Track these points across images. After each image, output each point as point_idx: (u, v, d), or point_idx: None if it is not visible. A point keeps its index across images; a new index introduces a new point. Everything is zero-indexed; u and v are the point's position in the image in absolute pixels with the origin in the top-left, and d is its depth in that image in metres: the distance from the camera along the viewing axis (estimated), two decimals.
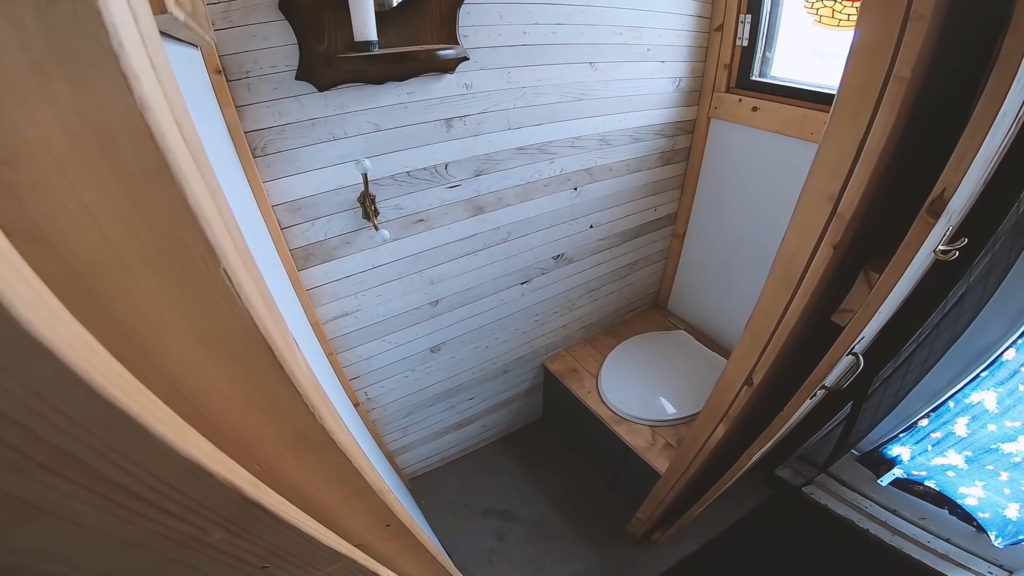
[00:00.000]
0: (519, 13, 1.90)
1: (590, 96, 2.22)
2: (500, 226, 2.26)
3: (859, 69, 1.03)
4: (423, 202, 2.01)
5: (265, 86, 1.58)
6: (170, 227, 0.33)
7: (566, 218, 2.46)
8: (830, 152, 1.11)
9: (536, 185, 2.26)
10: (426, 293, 2.24)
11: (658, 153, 2.62)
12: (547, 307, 2.74)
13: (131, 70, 0.28)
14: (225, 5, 1.46)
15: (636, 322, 3.20)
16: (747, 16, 2.35)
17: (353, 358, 2.22)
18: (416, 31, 1.73)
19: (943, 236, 1.18)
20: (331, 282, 1.97)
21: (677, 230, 3.00)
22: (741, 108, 2.43)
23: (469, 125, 1.96)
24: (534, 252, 2.46)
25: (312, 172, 1.75)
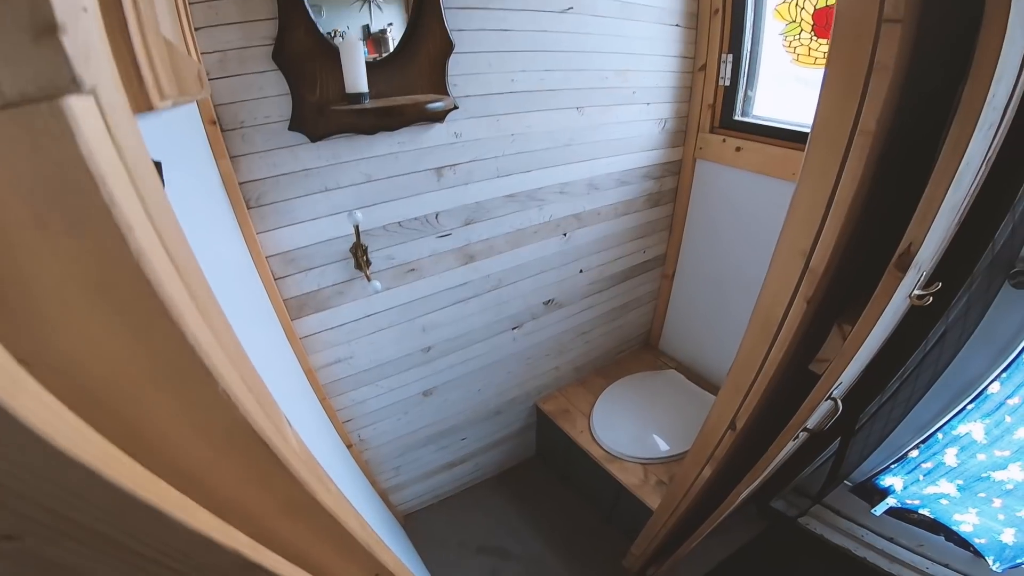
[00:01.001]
0: (507, 61, 1.95)
1: (578, 141, 2.26)
2: (491, 274, 2.28)
3: (826, 125, 1.07)
4: (415, 252, 2.03)
5: (259, 137, 1.61)
6: (172, 357, 0.38)
7: (556, 264, 2.48)
8: (801, 208, 1.15)
9: (526, 232, 2.29)
10: (418, 340, 2.24)
11: (646, 195, 2.66)
12: (539, 351, 2.75)
13: (125, 222, 0.30)
14: (221, 54, 1.50)
15: (627, 362, 3.21)
16: (729, 55, 2.41)
17: (346, 402, 2.22)
18: (406, 80, 1.77)
19: (917, 282, 1.21)
20: (324, 331, 1.98)
21: (666, 271, 3.03)
22: (725, 148, 2.48)
23: (459, 174, 1.99)
24: (525, 298, 2.48)
25: (305, 223, 1.77)
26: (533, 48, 2.00)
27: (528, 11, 1.94)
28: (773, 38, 2.37)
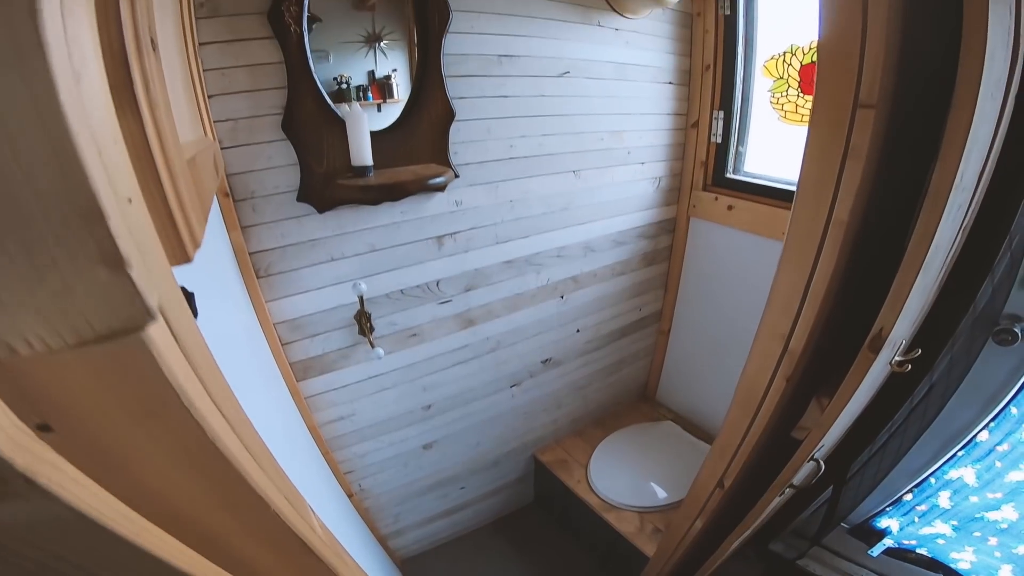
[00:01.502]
0: (506, 127, 2.02)
1: (575, 205, 2.33)
2: (490, 336, 2.33)
3: (802, 217, 1.14)
4: (416, 318, 2.08)
5: (269, 207, 1.68)
6: (236, 494, 0.52)
7: (554, 325, 2.53)
8: (780, 295, 1.22)
9: (524, 296, 2.34)
10: (419, 399, 2.28)
11: (641, 255, 2.72)
12: (536, 406, 2.78)
13: (199, 415, 0.42)
14: (232, 123, 1.57)
15: (624, 414, 3.23)
16: (720, 112, 2.49)
17: (348, 455, 2.25)
18: (409, 149, 1.84)
19: (897, 349, 1.26)
20: (329, 391, 2.02)
21: (662, 327, 3.08)
22: (717, 207, 2.55)
23: (459, 241, 2.05)
24: (523, 358, 2.52)
25: (312, 292, 1.83)
26: (531, 113, 2.07)
27: (527, 77, 2.03)
28: (763, 94, 2.44)
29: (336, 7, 1.72)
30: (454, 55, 1.86)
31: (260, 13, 1.56)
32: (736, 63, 2.44)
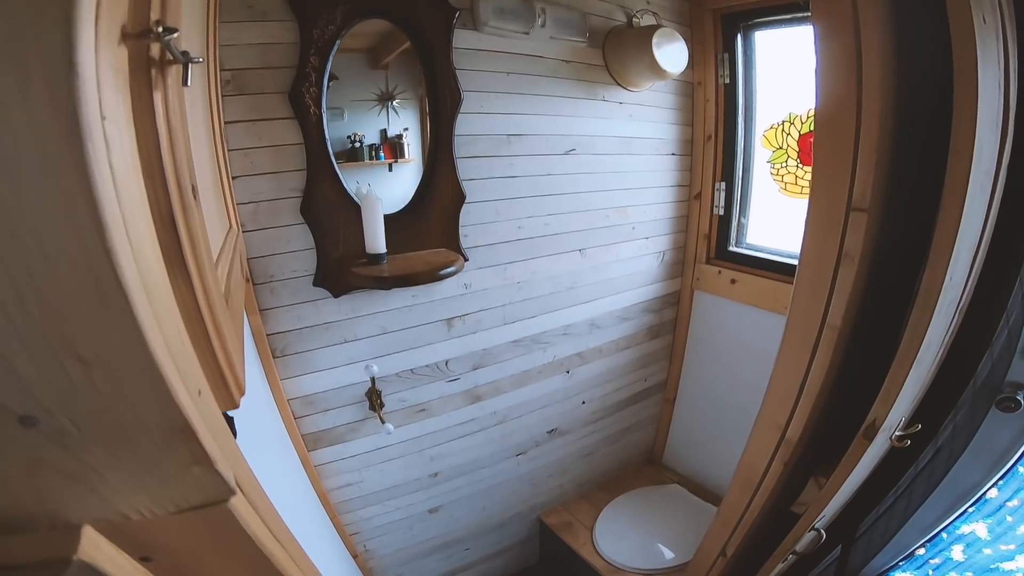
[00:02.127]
0: (514, 208, 2.10)
1: (581, 283, 2.39)
2: (496, 411, 2.37)
3: (798, 321, 1.21)
4: (425, 395, 2.13)
5: (286, 291, 1.76)
6: None
7: (559, 398, 2.57)
8: (777, 389, 1.28)
9: (530, 373, 2.39)
10: (426, 467, 2.32)
11: (646, 328, 2.77)
12: (542, 472, 2.80)
13: (278, 562, 0.64)
14: (254, 206, 1.66)
15: (630, 477, 3.23)
16: (722, 184, 2.56)
17: (354, 518, 2.28)
18: (421, 232, 1.92)
19: (897, 424, 1.31)
20: (338, 460, 2.07)
21: (668, 396, 3.10)
22: (720, 280, 2.61)
23: (468, 323, 2.11)
24: (529, 430, 2.56)
25: (325, 371, 1.89)
26: (538, 193, 2.15)
27: (534, 155, 2.11)
28: (763, 166, 2.51)
29: (352, 65, 1.80)
30: (465, 135, 1.95)
31: (282, 92, 1.66)
32: (737, 132, 2.52)
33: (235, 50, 1.59)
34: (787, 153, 2.41)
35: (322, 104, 1.69)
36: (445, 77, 1.88)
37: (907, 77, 1.11)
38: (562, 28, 2.14)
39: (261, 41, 1.62)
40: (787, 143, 2.41)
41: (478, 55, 1.98)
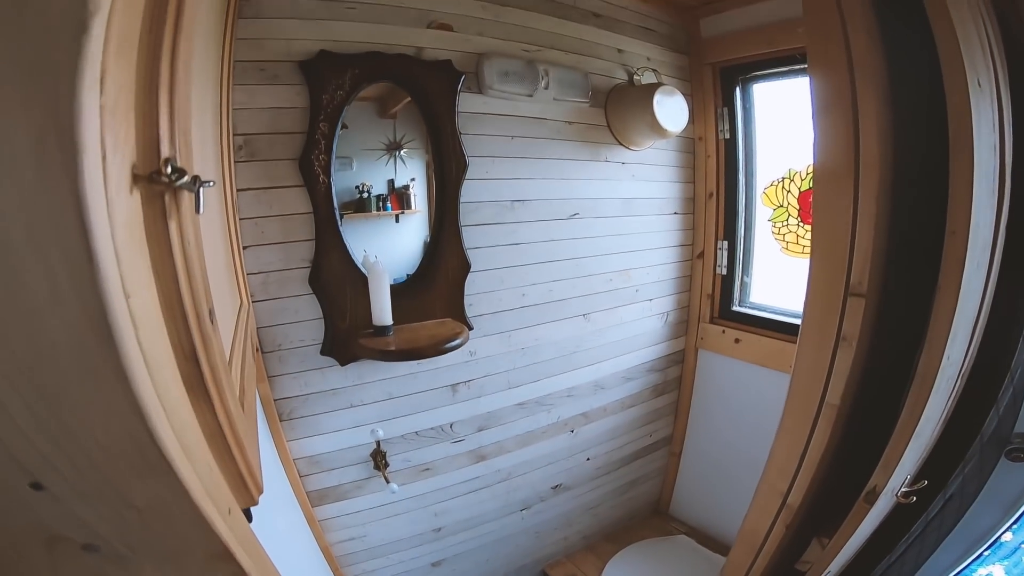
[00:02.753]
0: (519, 275, 2.13)
1: (584, 347, 2.41)
2: (501, 469, 2.38)
3: (798, 397, 1.24)
4: (429, 455, 2.14)
5: (294, 359, 1.79)
6: None
7: (564, 456, 2.57)
8: (778, 458, 1.31)
9: (535, 433, 2.40)
10: (430, 522, 2.32)
11: (651, 387, 2.77)
12: (547, 526, 2.79)
13: None
14: (264, 276, 1.70)
15: (637, 528, 3.19)
16: (724, 243, 2.57)
17: (357, 571, 2.27)
18: (426, 303, 1.94)
19: (903, 481, 1.32)
20: (342, 516, 2.07)
21: (673, 449, 3.09)
22: (725, 339, 2.62)
23: (473, 388, 2.13)
24: (533, 486, 2.55)
25: (331, 434, 1.91)
26: (542, 259, 2.18)
27: (538, 221, 2.14)
28: (765, 224, 2.52)
29: (361, 114, 1.84)
30: (470, 203, 1.98)
31: (292, 159, 1.70)
32: (738, 189, 2.55)
33: (248, 114, 1.63)
34: (788, 211, 2.43)
35: (331, 172, 1.73)
36: (450, 144, 1.92)
37: (904, 151, 1.14)
38: (565, 89, 2.18)
39: (273, 105, 1.67)
40: (787, 201, 2.43)
41: (483, 119, 2.02)
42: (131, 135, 0.49)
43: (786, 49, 2.26)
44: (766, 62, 2.43)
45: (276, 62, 1.66)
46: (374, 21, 1.81)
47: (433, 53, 1.91)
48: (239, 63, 1.60)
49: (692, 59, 2.64)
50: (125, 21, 0.45)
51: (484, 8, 2.03)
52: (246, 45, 1.61)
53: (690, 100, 2.55)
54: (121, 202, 0.44)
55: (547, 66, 2.12)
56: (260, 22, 1.63)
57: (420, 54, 1.89)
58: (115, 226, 0.41)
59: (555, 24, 2.19)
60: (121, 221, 0.44)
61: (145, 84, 0.52)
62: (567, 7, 2.23)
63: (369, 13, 1.80)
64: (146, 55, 0.53)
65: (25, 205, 0.37)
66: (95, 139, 0.39)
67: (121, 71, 0.45)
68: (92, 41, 0.38)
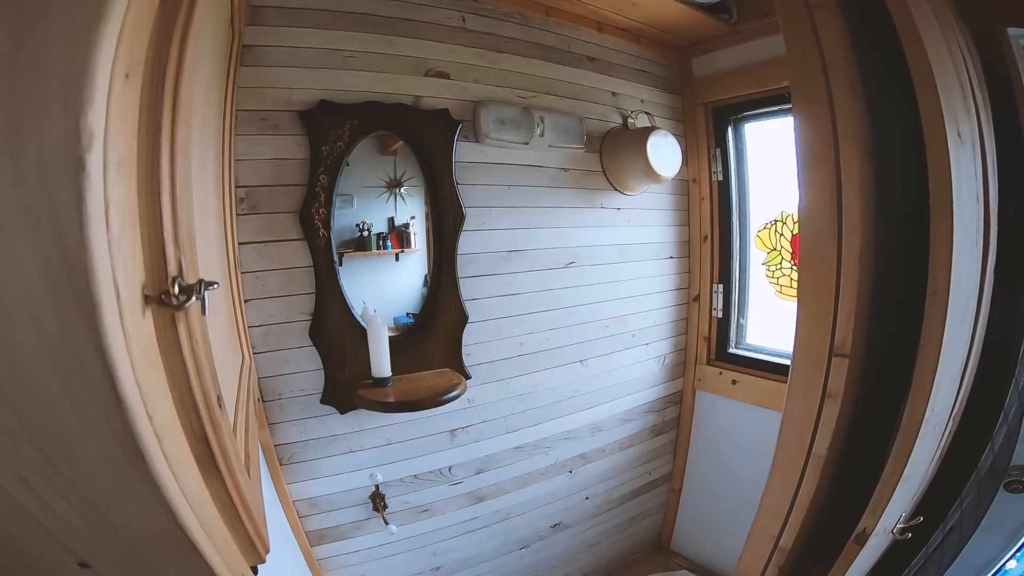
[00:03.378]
0: (516, 325, 2.16)
1: (582, 392, 2.44)
2: (499, 509, 2.39)
3: (786, 446, 1.28)
4: (428, 497, 2.16)
5: (294, 407, 1.83)
6: None
7: (563, 495, 2.58)
8: (770, 503, 1.35)
9: (533, 475, 2.42)
10: (428, 562, 2.33)
11: (649, 427, 2.79)
12: (547, 564, 2.78)
13: None
14: (265, 329, 1.74)
15: (638, 564, 3.17)
16: (719, 286, 2.61)
17: None
18: (425, 353, 1.98)
19: (896, 521, 1.34)
20: (341, 555, 2.09)
21: (673, 486, 3.08)
22: (722, 381, 2.65)
23: (471, 433, 2.16)
24: (532, 525, 2.56)
25: (330, 477, 1.94)
26: (539, 309, 2.22)
27: (534, 271, 2.18)
28: (759, 267, 2.55)
29: (362, 151, 1.87)
30: (467, 254, 2.02)
31: (293, 212, 1.74)
32: (732, 232, 2.59)
33: (249, 165, 1.68)
34: (781, 254, 2.46)
35: (331, 226, 1.78)
36: (448, 196, 1.96)
37: (887, 207, 1.17)
38: (560, 135, 2.22)
39: (274, 156, 1.72)
40: (780, 244, 2.46)
41: (480, 168, 2.06)
42: (138, 255, 0.54)
43: (775, 88, 2.31)
44: (756, 101, 2.48)
45: (277, 111, 1.72)
46: (373, 70, 1.87)
47: (431, 102, 1.96)
48: (241, 112, 1.65)
49: (685, 99, 2.69)
50: (123, 145, 0.49)
51: (481, 55, 2.09)
52: (247, 94, 1.66)
53: (683, 141, 2.61)
54: (136, 328, 0.50)
55: (542, 112, 2.16)
56: (261, 70, 1.70)
57: (418, 103, 1.94)
58: (133, 355, 0.47)
59: (550, 69, 2.25)
60: (138, 348, 0.49)
61: (147, 199, 0.57)
62: (561, 52, 2.29)
63: (368, 62, 1.86)
64: (146, 171, 0.57)
65: (51, 353, 0.44)
66: (107, 279, 0.44)
67: (123, 192, 0.49)
68: (91, 177, 0.41)
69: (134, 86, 0.53)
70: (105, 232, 0.43)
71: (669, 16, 2.33)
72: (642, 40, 2.54)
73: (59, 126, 0.41)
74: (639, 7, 2.25)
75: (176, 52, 0.63)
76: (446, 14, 2.01)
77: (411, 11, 1.94)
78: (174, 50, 0.62)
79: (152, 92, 0.58)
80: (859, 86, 1.12)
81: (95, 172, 0.42)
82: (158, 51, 0.60)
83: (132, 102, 0.53)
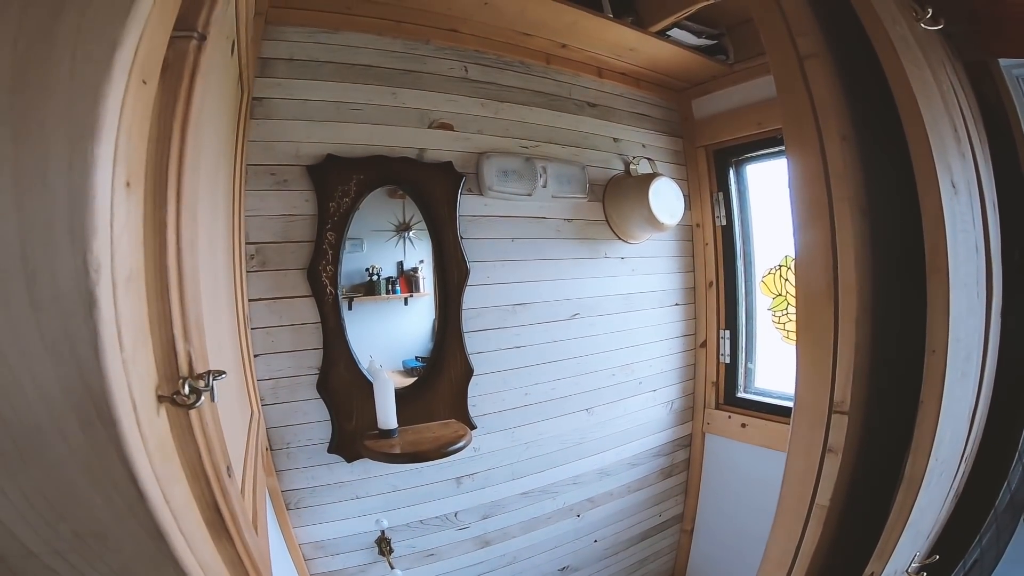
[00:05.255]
0: (521, 376, 2.20)
1: (589, 439, 2.46)
2: (505, 553, 2.40)
3: (788, 499, 1.30)
4: (434, 542, 2.19)
5: (302, 455, 1.88)
6: None
7: (570, 539, 2.58)
8: (774, 551, 1.37)
9: (540, 519, 2.43)
10: None
11: (658, 471, 2.78)
12: None
13: None
14: (274, 382, 1.80)
15: None
16: (727, 332, 2.62)
17: None
18: (431, 405, 2.03)
19: (913, 557, 1.33)
20: None
21: (685, 527, 3.04)
22: (731, 424, 2.65)
23: (477, 480, 2.19)
24: (540, 568, 2.55)
25: (336, 522, 1.98)
26: (544, 360, 2.25)
27: (539, 324, 2.22)
28: (765, 312, 2.56)
29: (372, 196, 1.92)
30: (472, 308, 2.07)
31: (301, 269, 1.81)
32: (737, 277, 2.60)
33: (259, 221, 1.75)
34: (786, 299, 2.47)
35: (338, 283, 1.84)
36: (452, 252, 2.02)
37: (883, 263, 1.17)
38: (563, 184, 2.26)
39: (283, 212, 1.79)
40: (785, 289, 2.47)
41: (484, 221, 2.12)
42: (151, 361, 0.60)
43: (775, 129, 2.32)
44: (757, 143, 2.50)
45: (286, 166, 1.79)
46: (378, 122, 1.94)
47: (435, 154, 2.03)
48: (251, 167, 1.72)
49: (686, 142, 2.73)
50: (131, 259, 0.54)
51: (483, 105, 2.15)
52: (258, 148, 1.74)
53: (685, 186, 2.64)
54: (152, 428, 0.57)
55: (545, 162, 2.21)
56: (271, 123, 1.77)
57: (422, 156, 2.00)
58: (151, 452, 0.55)
59: (551, 117, 2.31)
60: (154, 444, 0.56)
61: (157, 303, 0.62)
62: (562, 99, 2.35)
63: (373, 114, 1.93)
64: (154, 274, 0.61)
65: (79, 458, 0.51)
66: (124, 396, 0.50)
67: (133, 306, 0.54)
68: (102, 309, 0.46)
69: (137, 195, 0.56)
70: (119, 353, 0.49)
71: (667, 59, 2.39)
72: (641, 83, 2.60)
73: (68, 261, 0.45)
74: (637, 52, 2.32)
75: (176, 150, 0.65)
76: (448, 64, 2.08)
77: (414, 63, 2.01)
78: (174, 148, 0.64)
79: (156, 193, 0.62)
80: (851, 138, 1.13)
81: (105, 300, 0.46)
82: (159, 150, 0.63)
83: (136, 211, 0.56)
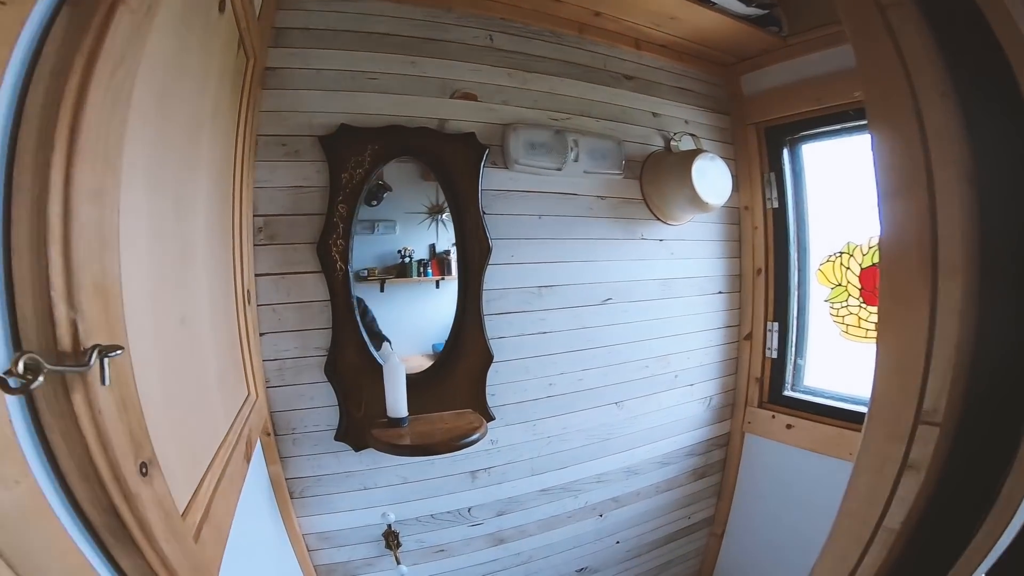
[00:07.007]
0: (546, 365, 2.05)
1: (616, 435, 2.29)
2: (521, 552, 2.27)
3: (849, 516, 1.10)
4: (445, 538, 2.07)
5: (308, 442, 1.78)
6: None
7: (590, 539, 2.43)
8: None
9: (559, 518, 2.28)
10: None
11: (690, 471, 2.60)
12: None
13: None
14: (280, 363, 1.70)
15: None
16: (775, 324, 2.42)
17: None
18: (445, 393, 1.89)
19: None
20: None
21: (715, 531, 2.87)
22: (775, 424, 2.45)
23: (493, 475, 2.06)
24: (556, 569, 2.42)
25: (342, 513, 1.88)
26: (572, 348, 2.09)
27: (567, 308, 2.07)
28: (821, 304, 2.35)
29: (406, 177, 1.86)
30: (494, 290, 1.93)
31: (310, 243, 1.70)
32: (790, 265, 2.40)
33: (268, 192, 1.65)
34: (847, 291, 2.26)
35: (348, 259, 1.72)
36: (474, 227, 1.88)
37: (994, 243, 0.90)
38: (596, 160, 2.10)
39: (293, 184, 1.68)
40: (847, 279, 2.25)
41: (509, 196, 1.97)
42: None
43: (837, 105, 2.13)
44: (816, 120, 2.28)
45: (297, 136, 1.69)
46: (396, 92, 1.82)
47: (456, 125, 1.89)
48: (262, 136, 1.63)
49: (734, 120, 2.54)
50: None
51: (510, 75, 2.00)
52: (270, 118, 1.64)
53: (733, 165, 2.45)
54: None
55: (577, 136, 2.05)
56: (284, 94, 1.67)
57: (443, 126, 1.87)
58: None
59: (585, 89, 2.14)
60: None
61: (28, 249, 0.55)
62: (597, 71, 2.18)
63: (391, 83, 1.81)
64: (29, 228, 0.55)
65: None
66: None
67: None
68: None
69: None
70: None
71: (712, 30, 2.19)
72: (684, 57, 2.40)
73: None
74: (679, 21, 2.12)
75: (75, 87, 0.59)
76: (473, 32, 1.93)
77: (436, 30, 1.88)
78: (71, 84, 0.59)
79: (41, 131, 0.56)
80: (952, 95, 0.89)
81: None
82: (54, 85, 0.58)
83: None
